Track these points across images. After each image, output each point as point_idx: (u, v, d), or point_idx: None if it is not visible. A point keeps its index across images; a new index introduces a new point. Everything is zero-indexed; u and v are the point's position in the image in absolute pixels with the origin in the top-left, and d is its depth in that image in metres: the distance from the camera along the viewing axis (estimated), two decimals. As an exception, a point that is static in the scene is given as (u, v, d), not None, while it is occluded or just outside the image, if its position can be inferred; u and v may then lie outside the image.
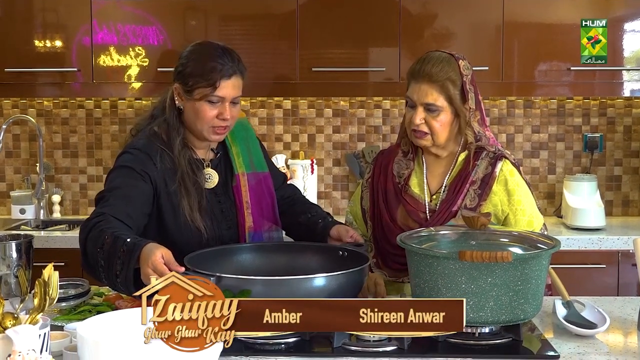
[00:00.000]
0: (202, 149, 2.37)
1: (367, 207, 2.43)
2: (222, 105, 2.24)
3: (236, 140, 2.43)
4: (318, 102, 4.08)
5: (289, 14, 3.70)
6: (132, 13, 3.74)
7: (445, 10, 3.70)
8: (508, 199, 2.30)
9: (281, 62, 3.71)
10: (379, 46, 3.71)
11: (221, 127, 2.26)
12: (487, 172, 2.29)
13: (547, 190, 4.06)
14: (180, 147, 2.28)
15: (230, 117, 2.25)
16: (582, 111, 4.03)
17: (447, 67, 2.26)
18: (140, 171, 2.20)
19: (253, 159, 2.45)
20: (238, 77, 2.26)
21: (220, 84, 2.21)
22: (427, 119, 2.26)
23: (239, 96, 2.29)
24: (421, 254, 1.86)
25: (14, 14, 3.78)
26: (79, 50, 3.74)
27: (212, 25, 3.76)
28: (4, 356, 1.38)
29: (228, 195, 2.38)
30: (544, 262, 1.86)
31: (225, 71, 2.22)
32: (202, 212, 2.26)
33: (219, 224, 2.33)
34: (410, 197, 2.34)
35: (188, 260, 1.94)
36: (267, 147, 4.03)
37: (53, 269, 1.51)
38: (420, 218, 2.30)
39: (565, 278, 2.18)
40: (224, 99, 2.23)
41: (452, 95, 2.25)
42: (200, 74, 2.22)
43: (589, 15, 3.65)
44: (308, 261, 2.18)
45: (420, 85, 2.26)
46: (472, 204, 2.28)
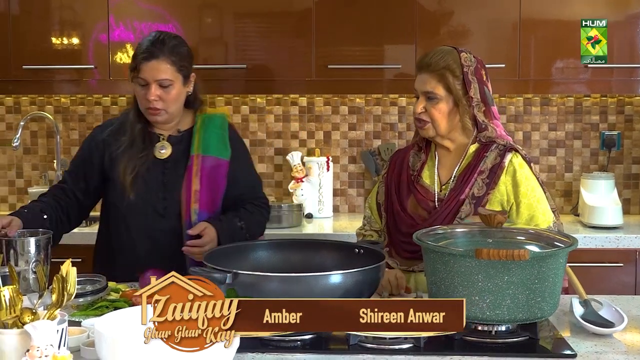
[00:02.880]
0: (164, 129, 2.58)
1: (382, 201, 2.50)
2: (148, 86, 2.45)
3: (205, 127, 2.60)
4: (334, 100, 4.07)
5: (305, 11, 3.70)
6: (149, 10, 3.75)
7: (461, 7, 3.69)
8: (514, 189, 2.33)
9: (297, 59, 3.71)
10: (394, 43, 3.70)
11: (152, 109, 2.47)
12: (496, 163, 2.34)
13: (563, 189, 4.04)
14: (136, 119, 2.54)
15: (155, 98, 2.44)
16: (600, 109, 4.00)
17: (447, 57, 2.36)
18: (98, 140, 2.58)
19: (218, 145, 2.59)
20: (161, 61, 2.44)
21: (141, 67, 2.44)
22: (427, 107, 2.35)
23: (167, 79, 2.45)
24: (438, 251, 1.86)
25: (31, 11, 3.80)
26: (96, 47, 3.76)
27: (227, 23, 3.77)
28: (23, 351, 1.39)
29: (176, 171, 2.54)
30: (561, 260, 1.85)
31: (146, 55, 2.44)
32: (137, 175, 2.50)
33: (155, 192, 2.53)
34: (421, 187, 2.40)
35: (206, 257, 1.95)
36: (282, 145, 4.08)
37: (71, 265, 1.51)
38: (429, 207, 2.37)
39: (583, 276, 2.17)
40: (146, 80, 2.44)
41: (450, 84, 2.33)
42: (133, 59, 2.49)
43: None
44: (324, 258, 2.18)
45: (421, 76, 2.37)
46: (480, 192, 2.32)
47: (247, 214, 2.57)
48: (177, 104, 2.53)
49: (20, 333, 1.42)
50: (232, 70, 3.76)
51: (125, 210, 2.53)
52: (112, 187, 2.55)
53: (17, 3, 3.77)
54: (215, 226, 2.44)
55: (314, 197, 3.93)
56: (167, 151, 2.55)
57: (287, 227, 3.67)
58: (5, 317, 1.44)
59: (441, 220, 2.31)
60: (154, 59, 2.43)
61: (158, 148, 2.55)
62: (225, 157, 2.59)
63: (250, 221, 2.57)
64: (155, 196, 2.53)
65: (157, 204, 2.52)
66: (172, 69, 2.46)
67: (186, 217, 2.50)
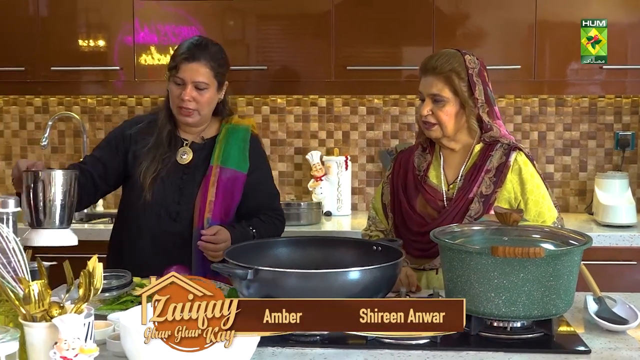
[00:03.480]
0: (190, 134, 2.59)
1: (388, 202, 2.49)
2: (184, 87, 2.47)
3: (227, 138, 2.60)
4: (352, 100, 4.07)
5: (325, 13, 3.70)
6: (173, 13, 3.76)
7: (477, 9, 3.67)
8: (521, 187, 2.33)
9: (317, 60, 3.71)
10: (412, 45, 3.69)
11: (184, 109, 2.48)
12: (502, 162, 2.34)
13: (578, 188, 4.02)
14: (166, 121, 2.55)
15: (191, 99, 2.47)
16: (614, 109, 3.97)
17: (452, 59, 2.34)
18: (124, 135, 2.60)
19: (238, 158, 2.58)
20: (201, 64, 2.48)
21: (181, 67, 2.47)
22: (434, 110, 2.34)
23: (204, 82, 2.48)
24: (454, 249, 1.85)
25: (59, 14, 3.83)
26: (121, 49, 3.78)
27: (249, 25, 3.77)
28: (51, 343, 1.40)
29: (194, 178, 2.55)
30: (576, 258, 1.84)
31: (185, 56, 2.47)
32: (156, 178, 2.51)
33: (171, 197, 2.52)
34: (429, 187, 2.39)
35: (228, 254, 1.95)
36: (302, 144, 4.08)
37: (97, 260, 1.52)
38: (438, 206, 2.36)
39: (597, 274, 2.15)
40: (184, 80, 2.46)
41: (457, 86, 2.32)
42: (172, 59, 2.52)
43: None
44: (343, 255, 2.17)
45: (427, 78, 2.36)
46: (488, 191, 2.32)
47: (260, 223, 2.57)
48: (209, 108, 2.54)
49: (49, 326, 1.43)
50: (253, 71, 3.76)
51: (139, 209, 2.53)
52: (131, 185, 2.57)
53: (46, 6, 3.80)
54: (229, 230, 2.46)
55: (332, 196, 3.93)
56: (189, 157, 2.56)
57: (307, 224, 3.67)
58: (34, 311, 1.45)
59: (451, 218, 2.31)
60: (195, 61, 2.47)
61: (180, 153, 2.56)
62: (243, 170, 2.58)
63: (263, 230, 2.56)
64: (170, 200, 2.52)
65: (171, 208, 2.52)
66: (210, 74, 2.49)
67: (199, 224, 2.50)
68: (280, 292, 1.81)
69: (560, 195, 4.03)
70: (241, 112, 4.10)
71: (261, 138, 2.80)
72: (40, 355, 1.43)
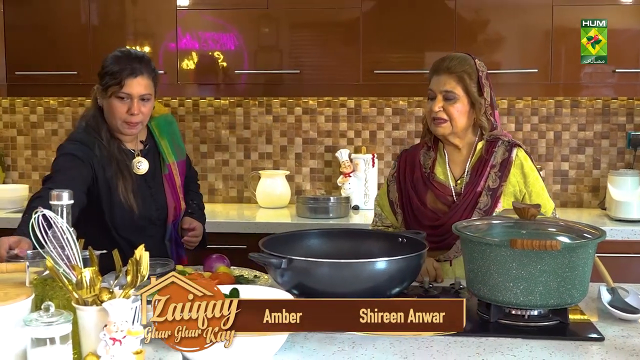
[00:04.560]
0: (130, 142, 2.47)
1: (395, 199, 2.47)
2: (131, 101, 2.35)
3: (163, 134, 2.55)
4: (379, 102, 4.05)
5: (354, 21, 3.69)
6: (212, 22, 3.78)
7: (497, 16, 3.64)
8: (524, 180, 2.35)
9: (346, 65, 3.70)
10: (435, 50, 3.66)
11: (132, 123, 2.37)
12: (505, 157, 2.35)
13: (592, 184, 3.96)
14: (109, 138, 2.40)
15: (139, 112, 2.35)
16: (626, 110, 3.91)
17: (464, 62, 2.35)
18: (82, 157, 2.33)
19: (178, 149, 2.59)
20: (144, 77, 2.36)
21: (126, 82, 2.33)
22: (445, 106, 2.33)
23: (148, 94, 2.37)
24: (475, 241, 1.84)
25: (108, 22, 3.86)
26: (165, 54, 3.80)
27: (283, 32, 3.77)
28: (101, 326, 1.41)
29: (157, 181, 2.50)
30: (590, 250, 1.81)
31: (131, 71, 2.34)
32: (135, 193, 2.39)
33: (149, 206, 2.45)
34: (437, 183, 2.38)
35: (264, 244, 1.95)
36: (332, 143, 4.08)
37: (144, 249, 1.53)
38: (448, 201, 2.35)
39: (610, 266, 2.12)
40: (131, 95, 2.34)
41: (468, 86, 2.32)
42: (111, 74, 2.35)
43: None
44: (370, 246, 2.17)
45: (440, 77, 2.35)
46: (494, 184, 2.32)
47: (195, 195, 2.71)
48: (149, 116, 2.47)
49: (99, 310, 1.44)
50: (286, 75, 3.76)
51: (128, 227, 2.40)
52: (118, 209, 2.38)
53: (97, 16, 3.84)
54: (194, 218, 2.60)
55: (360, 191, 3.92)
56: (145, 165, 2.46)
57: (336, 217, 3.67)
58: (86, 296, 1.46)
59: (462, 211, 2.30)
60: (139, 75, 2.35)
61: (136, 164, 2.44)
62: (184, 155, 2.64)
63: (199, 200, 2.71)
64: (151, 209, 2.47)
65: (153, 216, 2.47)
66: (151, 85, 2.40)
67: (176, 218, 2.54)
68: (312, 281, 1.82)
69: (575, 192, 3.98)
70: (275, 113, 4.11)
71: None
72: (91, 336, 1.45)
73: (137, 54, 2.42)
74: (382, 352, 1.63)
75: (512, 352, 1.65)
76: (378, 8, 3.68)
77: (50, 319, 1.39)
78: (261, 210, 3.90)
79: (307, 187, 4.13)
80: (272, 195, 3.93)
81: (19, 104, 4.26)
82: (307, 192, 4.12)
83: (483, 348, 1.67)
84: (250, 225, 3.53)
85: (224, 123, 4.15)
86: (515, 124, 3.97)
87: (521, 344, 1.70)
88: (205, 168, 4.18)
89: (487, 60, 3.60)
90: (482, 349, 1.67)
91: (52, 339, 1.38)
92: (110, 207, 2.38)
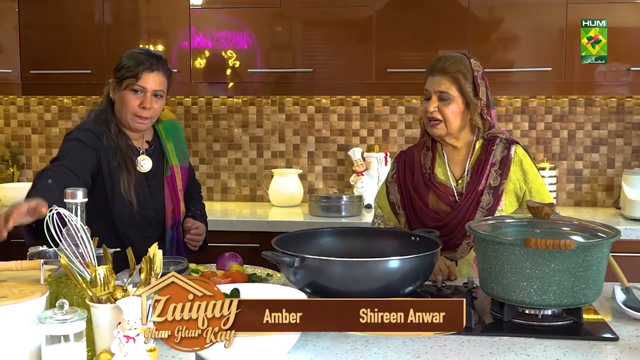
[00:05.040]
0: (136, 140, 2.49)
1: (396, 200, 2.45)
2: (144, 95, 2.39)
3: (169, 137, 2.58)
4: (392, 100, 4.05)
5: (366, 20, 3.68)
6: (226, 20, 3.78)
7: (510, 15, 3.62)
8: (524, 177, 2.35)
9: (359, 63, 3.70)
10: (448, 48, 3.63)
11: (143, 117, 2.40)
12: (504, 155, 2.35)
13: (606, 183, 3.94)
14: (117, 132, 2.44)
15: (151, 107, 2.39)
16: (641, 109, 3.89)
17: (459, 62, 2.34)
18: (90, 145, 2.36)
19: (182, 154, 2.61)
20: (160, 73, 2.41)
21: (142, 75, 2.37)
22: (440, 107, 2.33)
23: (161, 90, 2.42)
24: (488, 240, 1.83)
25: (122, 21, 3.87)
26: (179, 53, 3.81)
27: (296, 31, 3.77)
28: (115, 323, 1.42)
29: (157, 182, 2.51)
30: (605, 250, 1.80)
31: (147, 66, 2.38)
32: (136, 189, 2.42)
33: (147, 204, 2.46)
34: (439, 184, 2.38)
35: (275, 242, 1.96)
36: (344, 141, 4.07)
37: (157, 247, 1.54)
38: (450, 201, 2.35)
39: (624, 265, 2.11)
40: (145, 89, 2.38)
41: (463, 86, 2.31)
42: (127, 67, 2.40)
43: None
44: (383, 245, 2.16)
45: (435, 78, 2.35)
46: (495, 182, 2.32)
47: (197, 204, 2.71)
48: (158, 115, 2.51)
49: (113, 307, 1.45)
50: (299, 73, 3.76)
51: (126, 222, 2.43)
52: (118, 200, 2.41)
53: (110, 14, 3.85)
54: (197, 219, 2.60)
55: (372, 189, 3.91)
56: (149, 164, 2.49)
57: (349, 216, 3.66)
58: (100, 293, 1.47)
59: (464, 211, 2.30)
60: (155, 71, 2.40)
61: (140, 162, 2.47)
62: (187, 162, 2.66)
63: (201, 208, 2.72)
64: (148, 208, 2.48)
65: (150, 215, 2.48)
66: (165, 83, 2.45)
67: (175, 222, 2.54)
68: (325, 279, 1.81)
69: (589, 191, 3.95)
70: (288, 112, 4.11)
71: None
72: (105, 333, 1.45)
73: (155, 52, 2.48)
74: (394, 350, 1.63)
75: (525, 351, 1.64)
76: (391, 6, 3.67)
77: (64, 316, 1.40)
78: (274, 209, 3.91)
79: (319, 185, 4.13)
80: (285, 194, 3.93)
81: (33, 102, 4.28)
82: (320, 190, 4.12)
83: (496, 347, 1.66)
84: (263, 223, 3.54)
85: (237, 121, 4.16)
86: (529, 123, 3.95)
87: (535, 343, 1.69)
88: (218, 166, 4.19)
89: (501, 58, 3.61)
90: (496, 348, 1.66)
91: (66, 336, 1.39)
92: (112, 197, 2.40)
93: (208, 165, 4.20)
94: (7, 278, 1.60)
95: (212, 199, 4.20)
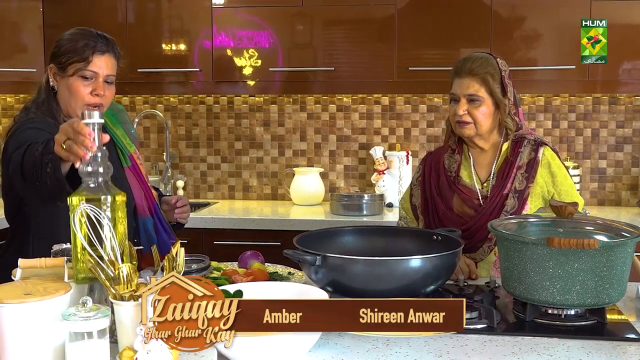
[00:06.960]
0: None
1: (419, 203, 2.44)
2: (96, 81, 2.12)
3: (115, 123, 2.31)
4: (413, 99, 4.04)
5: (388, 18, 3.67)
6: (248, 19, 3.79)
7: (533, 12, 3.59)
8: (552, 180, 2.30)
9: (380, 62, 3.69)
10: (470, 47, 3.63)
11: (92, 105, 2.10)
12: (531, 157, 2.31)
13: (630, 182, 3.90)
14: None
15: (104, 94, 2.12)
16: (666, 107, 3.84)
17: (486, 63, 2.30)
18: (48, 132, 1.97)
19: (133, 137, 2.37)
20: (111, 56, 2.16)
21: (93, 58, 2.11)
22: (469, 109, 2.29)
23: (112, 75, 2.16)
24: (511, 239, 1.82)
25: (144, 20, 3.90)
26: (201, 52, 3.83)
27: (317, 30, 3.77)
28: (138, 321, 1.42)
29: (119, 172, 2.22)
30: (629, 249, 1.78)
31: (98, 47, 2.12)
32: None
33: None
34: (463, 187, 2.35)
35: (298, 241, 1.95)
36: (366, 140, 4.07)
37: (180, 246, 1.54)
38: (474, 204, 2.32)
39: (649, 265, 2.09)
40: (97, 74, 2.12)
41: (492, 87, 2.28)
42: (73, 50, 2.11)
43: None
44: (405, 244, 2.15)
45: (462, 80, 2.30)
46: (521, 186, 2.29)
47: None
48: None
49: (136, 305, 1.46)
50: (321, 72, 3.77)
51: None
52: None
53: (133, 14, 3.88)
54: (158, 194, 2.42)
55: (394, 188, 3.91)
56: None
57: (370, 215, 3.66)
58: (123, 291, 1.47)
59: (488, 215, 2.26)
60: (106, 53, 2.14)
61: None
62: (138, 142, 2.43)
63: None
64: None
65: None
66: (116, 67, 2.20)
67: (153, 208, 2.31)
68: (346, 278, 1.81)
69: (613, 190, 3.92)
70: (309, 110, 4.11)
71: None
72: (128, 331, 1.46)
73: (100, 33, 2.19)
74: (416, 350, 1.63)
75: (548, 351, 1.63)
76: (413, 4, 3.66)
77: (88, 313, 1.41)
78: (295, 208, 3.91)
79: (341, 184, 4.13)
80: (306, 193, 3.93)
81: (57, 101, 4.32)
82: (341, 189, 4.12)
83: (519, 347, 1.65)
84: (285, 222, 3.54)
85: (259, 120, 4.17)
86: (552, 121, 3.92)
87: (558, 343, 1.68)
88: (239, 165, 4.20)
89: (524, 56, 3.59)
90: (518, 348, 1.65)
91: (89, 333, 1.40)
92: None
93: (230, 163, 4.21)
94: (31, 275, 1.62)
95: (233, 198, 4.22)
